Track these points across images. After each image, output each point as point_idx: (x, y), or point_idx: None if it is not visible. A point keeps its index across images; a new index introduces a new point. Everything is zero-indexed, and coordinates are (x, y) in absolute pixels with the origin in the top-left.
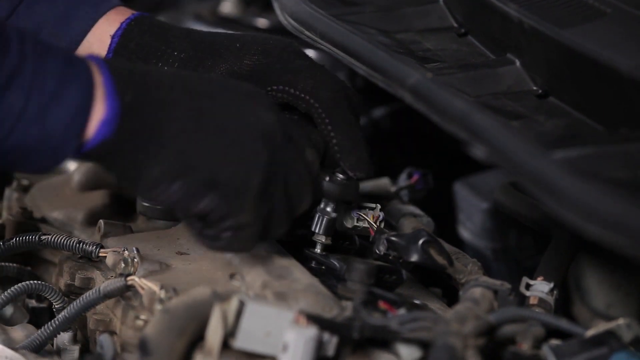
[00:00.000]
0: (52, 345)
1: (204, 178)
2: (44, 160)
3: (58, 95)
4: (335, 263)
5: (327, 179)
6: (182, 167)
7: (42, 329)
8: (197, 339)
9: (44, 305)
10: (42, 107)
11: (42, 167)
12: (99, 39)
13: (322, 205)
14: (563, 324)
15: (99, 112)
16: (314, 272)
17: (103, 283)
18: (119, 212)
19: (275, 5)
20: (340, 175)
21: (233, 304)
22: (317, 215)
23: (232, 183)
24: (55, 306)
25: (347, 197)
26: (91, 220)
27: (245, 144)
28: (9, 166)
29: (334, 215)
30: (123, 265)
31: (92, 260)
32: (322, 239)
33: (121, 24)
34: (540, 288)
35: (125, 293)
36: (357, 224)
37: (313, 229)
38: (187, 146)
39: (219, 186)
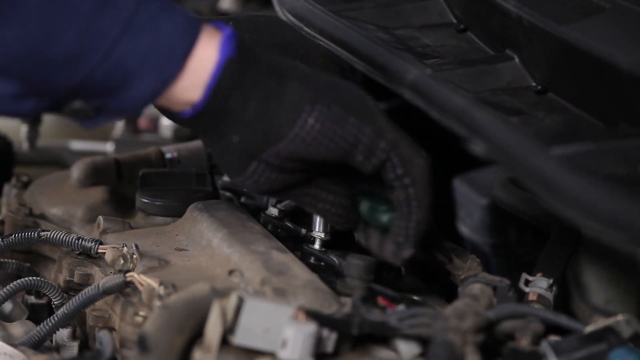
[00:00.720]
0: (51, 341)
1: (337, 100)
2: (148, 80)
3: (166, 9)
4: (334, 259)
5: None
6: (315, 91)
7: (41, 325)
8: (196, 335)
9: (43, 301)
10: (149, 20)
11: (144, 92)
12: None
13: None
14: (562, 320)
15: (215, 35)
16: (313, 268)
17: (102, 279)
18: (118, 209)
19: (274, 1)
20: None
21: (232, 300)
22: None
23: (358, 103)
24: (54, 302)
25: None
26: (90, 217)
27: (348, 86)
28: (108, 94)
29: None
30: (122, 261)
31: (91, 257)
32: (321, 235)
33: None
34: (539, 284)
35: (124, 289)
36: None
37: (313, 229)
38: (308, 77)
39: (351, 108)
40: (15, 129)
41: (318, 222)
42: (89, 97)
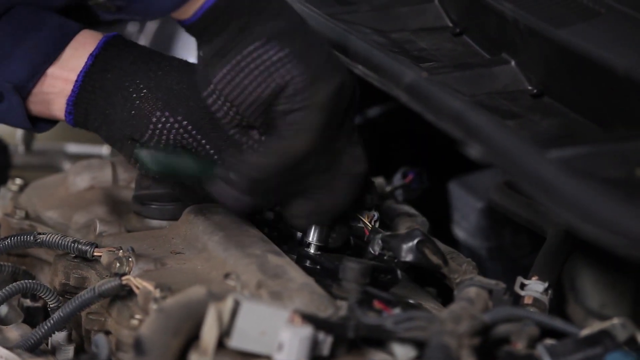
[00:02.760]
0: (47, 344)
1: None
2: None
3: None
4: (330, 262)
5: None
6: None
7: (37, 328)
8: (192, 338)
9: (38, 304)
10: None
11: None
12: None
13: None
14: (557, 323)
15: None
16: (308, 271)
17: (98, 282)
18: (113, 212)
19: None
20: None
21: (228, 304)
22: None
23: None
24: (50, 306)
25: None
26: (86, 220)
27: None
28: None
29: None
30: (118, 264)
31: (87, 260)
32: (318, 243)
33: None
34: (534, 288)
35: (120, 292)
36: (352, 224)
37: (307, 239)
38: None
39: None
40: (11, 131)
41: (313, 235)
42: None
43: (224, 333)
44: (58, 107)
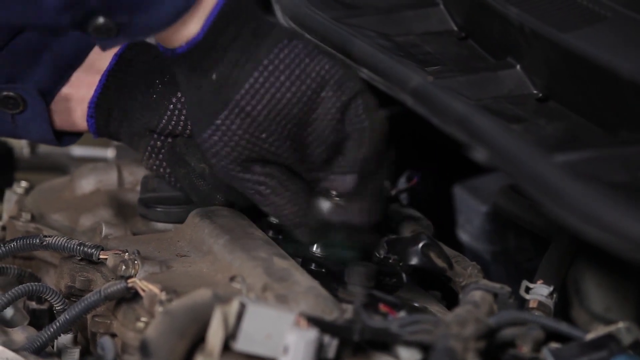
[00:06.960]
0: (53, 347)
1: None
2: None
3: None
4: (336, 266)
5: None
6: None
7: (43, 330)
8: (198, 341)
9: (44, 307)
10: None
11: (169, 11)
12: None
13: None
14: (563, 327)
15: None
16: (314, 274)
17: (104, 285)
18: (119, 215)
19: (276, 8)
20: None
21: (234, 306)
22: None
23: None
24: (56, 308)
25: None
26: (92, 223)
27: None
28: (136, 9)
29: None
30: (124, 267)
31: (92, 262)
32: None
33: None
34: (539, 291)
35: (126, 295)
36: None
37: (312, 251)
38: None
39: (327, 52)
40: None
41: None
42: (117, 11)
43: (230, 336)
44: (80, 114)
